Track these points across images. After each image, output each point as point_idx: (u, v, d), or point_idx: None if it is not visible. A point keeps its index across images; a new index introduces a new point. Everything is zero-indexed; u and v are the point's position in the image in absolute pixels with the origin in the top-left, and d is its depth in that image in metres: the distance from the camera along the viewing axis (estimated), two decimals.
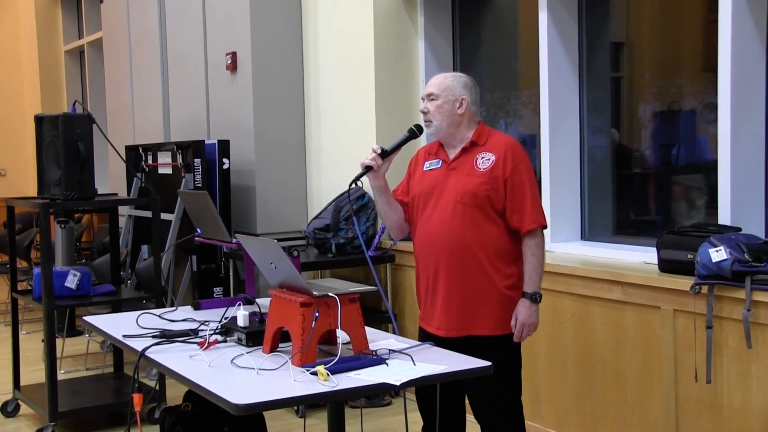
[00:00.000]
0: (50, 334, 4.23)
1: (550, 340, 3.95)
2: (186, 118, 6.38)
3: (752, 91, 3.45)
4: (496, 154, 3.00)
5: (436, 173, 3.08)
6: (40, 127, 4.42)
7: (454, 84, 3.05)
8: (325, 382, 2.33)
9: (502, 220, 3.01)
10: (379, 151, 3.02)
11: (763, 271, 3.01)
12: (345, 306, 2.54)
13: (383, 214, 3.16)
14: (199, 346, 2.73)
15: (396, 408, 4.63)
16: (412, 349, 2.67)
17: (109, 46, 7.79)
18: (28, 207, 5.29)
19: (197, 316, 3.23)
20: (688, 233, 3.38)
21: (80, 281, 4.36)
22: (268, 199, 5.49)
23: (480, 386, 3.02)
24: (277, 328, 2.66)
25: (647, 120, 4.25)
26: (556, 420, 3.97)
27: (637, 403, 3.58)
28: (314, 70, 5.47)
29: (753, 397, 3.13)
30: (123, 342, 2.92)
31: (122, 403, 4.48)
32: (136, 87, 7.20)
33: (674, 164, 4.12)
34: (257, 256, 2.80)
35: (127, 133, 7.26)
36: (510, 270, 3.03)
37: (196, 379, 2.40)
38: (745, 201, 3.46)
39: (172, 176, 5.67)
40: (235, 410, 2.17)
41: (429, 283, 3.08)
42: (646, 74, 4.29)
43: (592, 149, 4.32)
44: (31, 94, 10.18)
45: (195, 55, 6.16)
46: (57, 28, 9.83)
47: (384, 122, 4.98)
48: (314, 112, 5.50)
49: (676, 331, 3.37)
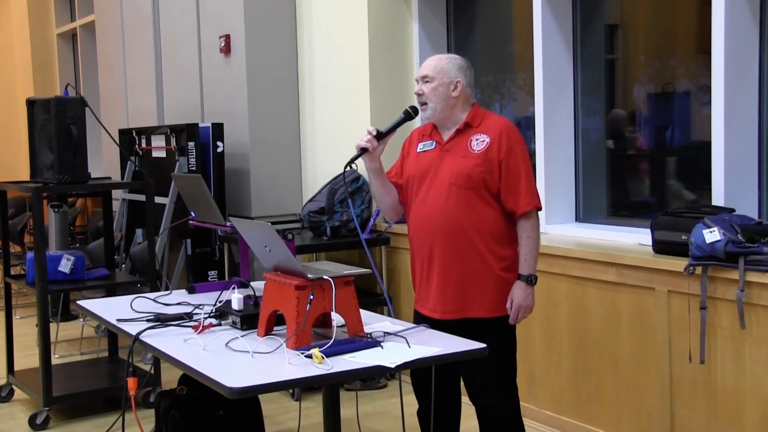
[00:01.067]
0: (44, 318, 4.22)
1: (546, 322, 3.96)
2: (180, 101, 6.35)
3: (745, 73, 3.45)
4: (490, 136, 2.99)
5: (430, 155, 3.07)
6: (32, 111, 4.39)
7: (449, 66, 3.04)
8: (320, 365, 2.33)
9: (496, 202, 3.00)
10: (374, 132, 3.01)
11: (756, 252, 3.02)
12: (340, 289, 2.55)
13: (378, 196, 3.15)
14: (194, 329, 2.74)
15: (391, 390, 4.65)
16: (406, 332, 2.68)
17: (102, 29, 7.74)
18: (21, 191, 5.28)
19: (192, 300, 3.23)
20: (682, 214, 3.39)
21: (74, 265, 4.36)
22: (262, 183, 5.48)
23: (475, 369, 3.02)
24: (272, 311, 2.66)
25: (641, 102, 4.25)
26: (552, 401, 3.99)
27: (632, 384, 3.59)
28: (308, 53, 5.45)
29: (746, 377, 3.15)
30: (117, 326, 2.92)
31: (117, 388, 4.49)
32: (129, 70, 7.16)
33: (668, 146, 4.12)
34: (252, 239, 2.80)
35: (121, 116, 7.23)
36: (505, 252, 3.02)
37: (190, 362, 2.41)
38: (739, 182, 3.47)
39: (166, 160, 5.65)
40: (230, 393, 2.18)
41: (424, 266, 3.07)
42: (640, 56, 4.28)
43: (587, 131, 4.32)
44: (23, 78, 10.12)
45: (188, 38, 6.12)
46: (49, 11, 9.76)
47: (378, 104, 4.96)
48: (308, 94, 5.48)
49: (671, 312, 3.38)
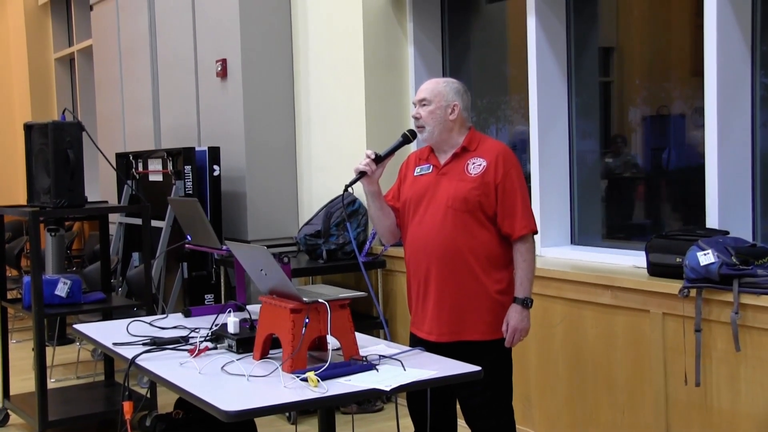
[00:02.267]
0: (40, 342, 4.21)
1: (541, 344, 3.95)
2: (176, 125, 6.38)
3: (738, 96, 3.47)
4: (487, 160, 3.01)
5: (427, 178, 3.08)
6: (29, 135, 4.41)
7: (446, 90, 3.06)
8: (316, 388, 2.33)
9: (492, 225, 3.01)
10: (372, 156, 3.02)
11: (750, 274, 3.03)
12: (335, 312, 2.55)
13: (376, 219, 3.16)
14: (190, 353, 2.73)
15: (387, 414, 4.63)
16: (402, 355, 2.67)
17: (99, 53, 7.78)
18: (18, 215, 5.28)
19: (188, 323, 3.22)
20: (676, 237, 3.40)
21: (70, 289, 4.35)
22: (258, 206, 5.49)
23: (471, 391, 3.02)
24: (268, 334, 2.66)
25: (636, 124, 4.27)
26: (548, 424, 3.97)
27: (628, 407, 3.59)
28: (304, 77, 5.48)
29: (742, 399, 3.15)
30: (113, 350, 2.91)
31: (113, 411, 4.47)
32: (126, 94, 7.19)
33: (663, 168, 4.14)
34: (247, 262, 2.80)
35: (118, 140, 7.25)
36: (501, 275, 3.03)
37: (186, 386, 2.40)
38: (733, 204, 3.48)
39: (163, 183, 5.66)
40: (226, 417, 2.17)
41: (420, 288, 3.08)
42: (635, 79, 4.31)
43: (582, 153, 4.34)
44: (20, 102, 10.15)
45: (185, 62, 6.16)
46: (47, 35, 9.81)
47: (374, 127, 4.98)
48: (304, 118, 5.50)
49: (666, 334, 3.39)
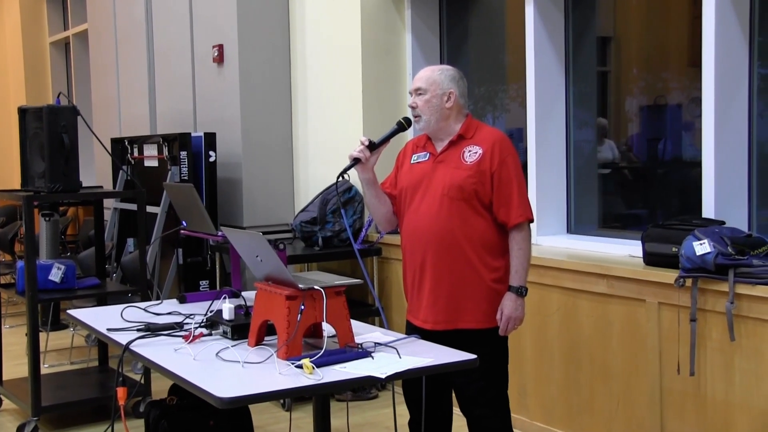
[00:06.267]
0: (33, 327, 4.20)
1: (537, 333, 3.96)
2: (172, 110, 6.35)
3: (736, 86, 3.47)
4: (483, 148, 3.00)
5: (424, 166, 3.07)
6: (23, 120, 4.39)
7: (442, 78, 3.05)
8: (311, 375, 2.33)
9: (489, 213, 3.01)
10: (367, 143, 3.01)
11: (746, 264, 3.03)
12: (330, 299, 2.54)
13: (372, 206, 3.16)
14: (184, 339, 2.73)
15: (382, 401, 4.64)
16: (397, 342, 2.67)
17: (95, 38, 7.74)
18: (12, 199, 5.26)
19: (183, 310, 3.22)
20: (672, 227, 3.40)
21: (64, 274, 4.34)
22: (254, 192, 5.48)
23: (467, 379, 3.02)
24: (263, 321, 2.65)
25: (634, 114, 4.26)
26: (543, 413, 3.98)
27: (623, 396, 3.59)
28: (301, 63, 5.46)
29: (736, 389, 3.15)
30: (107, 335, 2.91)
31: (107, 397, 4.46)
32: (122, 79, 7.16)
33: (660, 158, 4.13)
34: (243, 249, 2.79)
35: (113, 125, 7.22)
36: (497, 263, 3.03)
37: (180, 372, 2.40)
38: (729, 194, 3.48)
39: (158, 169, 5.64)
40: (220, 404, 2.17)
41: (416, 276, 3.07)
42: (632, 68, 4.30)
43: (579, 143, 4.33)
44: (15, 86, 10.11)
45: (181, 48, 6.13)
46: (42, 19, 9.75)
47: (371, 115, 4.97)
48: (301, 105, 5.49)
49: (661, 323, 3.39)
